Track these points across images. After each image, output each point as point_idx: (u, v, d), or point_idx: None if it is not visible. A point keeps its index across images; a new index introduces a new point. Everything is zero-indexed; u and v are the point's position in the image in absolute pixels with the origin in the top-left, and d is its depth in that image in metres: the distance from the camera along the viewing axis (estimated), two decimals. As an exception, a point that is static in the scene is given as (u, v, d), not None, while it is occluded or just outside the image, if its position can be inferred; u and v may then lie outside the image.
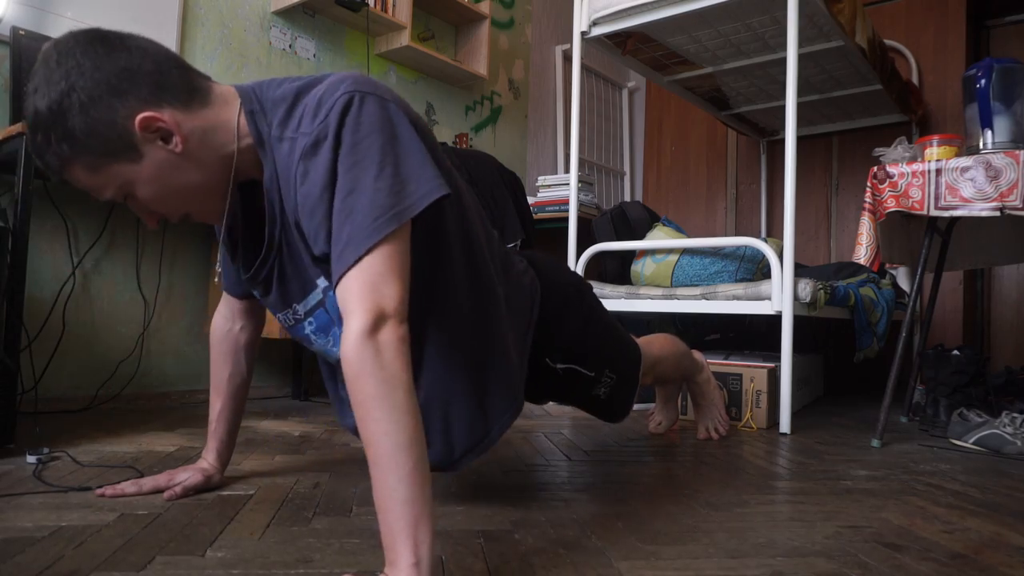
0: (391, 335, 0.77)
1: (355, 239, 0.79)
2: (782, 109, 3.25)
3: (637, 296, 2.45)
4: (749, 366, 2.20)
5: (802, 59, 2.73)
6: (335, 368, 1.17)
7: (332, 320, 1.02)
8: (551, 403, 1.48)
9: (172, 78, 0.88)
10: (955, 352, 2.22)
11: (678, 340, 1.74)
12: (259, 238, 1.04)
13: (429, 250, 0.95)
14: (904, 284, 2.55)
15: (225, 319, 1.24)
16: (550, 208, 3.25)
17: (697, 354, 1.88)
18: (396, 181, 0.82)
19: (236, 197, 1.02)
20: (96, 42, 0.83)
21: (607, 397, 1.37)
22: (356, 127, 0.83)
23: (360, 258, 0.79)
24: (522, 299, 1.18)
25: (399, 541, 0.72)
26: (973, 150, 1.89)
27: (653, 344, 1.59)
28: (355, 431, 1.15)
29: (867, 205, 1.97)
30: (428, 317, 0.99)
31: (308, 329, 1.05)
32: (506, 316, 1.11)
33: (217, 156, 0.91)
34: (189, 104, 0.89)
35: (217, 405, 1.24)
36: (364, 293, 0.78)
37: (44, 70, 0.82)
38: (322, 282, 0.98)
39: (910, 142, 2.90)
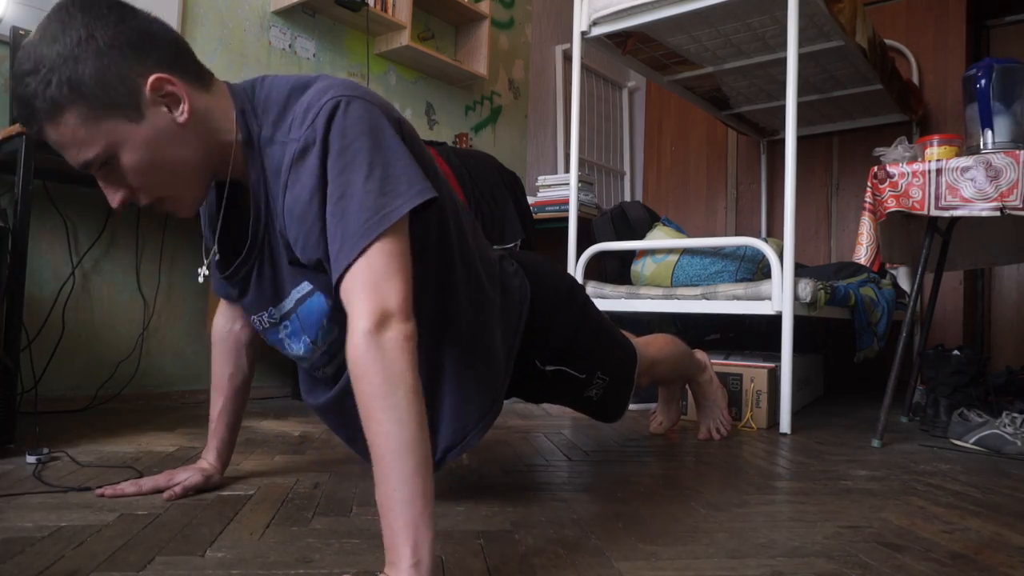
0: (395, 333, 0.77)
1: (349, 241, 0.80)
2: (782, 109, 3.25)
3: (637, 296, 2.45)
4: (749, 366, 2.20)
5: (802, 59, 2.73)
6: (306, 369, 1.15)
7: (301, 328, 1.01)
8: (550, 403, 1.48)
9: (186, 53, 0.90)
10: (955, 352, 2.22)
11: (678, 341, 1.73)
12: (239, 238, 1.03)
13: (418, 255, 0.95)
14: (904, 284, 2.55)
15: (226, 318, 1.24)
16: (550, 208, 3.25)
17: (700, 354, 1.87)
18: (385, 183, 0.82)
19: (215, 191, 1.01)
20: (117, 3, 0.84)
21: (599, 399, 1.37)
22: (343, 132, 0.84)
23: (356, 259, 0.79)
24: (511, 303, 1.18)
25: (400, 541, 0.72)
26: (973, 150, 1.89)
27: (651, 345, 1.58)
28: (317, 409, 1.15)
29: (867, 205, 1.97)
30: (416, 320, 0.99)
31: (282, 334, 1.05)
32: (495, 320, 1.12)
33: (212, 141, 0.91)
34: (197, 82, 0.90)
35: (218, 404, 1.24)
36: (365, 293, 0.78)
37: (59, 18, 0.81)
38: (296, 292, 0.98)
39: (910, 142, 2.89)
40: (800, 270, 2.66)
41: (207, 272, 1.02)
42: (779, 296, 2.08)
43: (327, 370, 1.07)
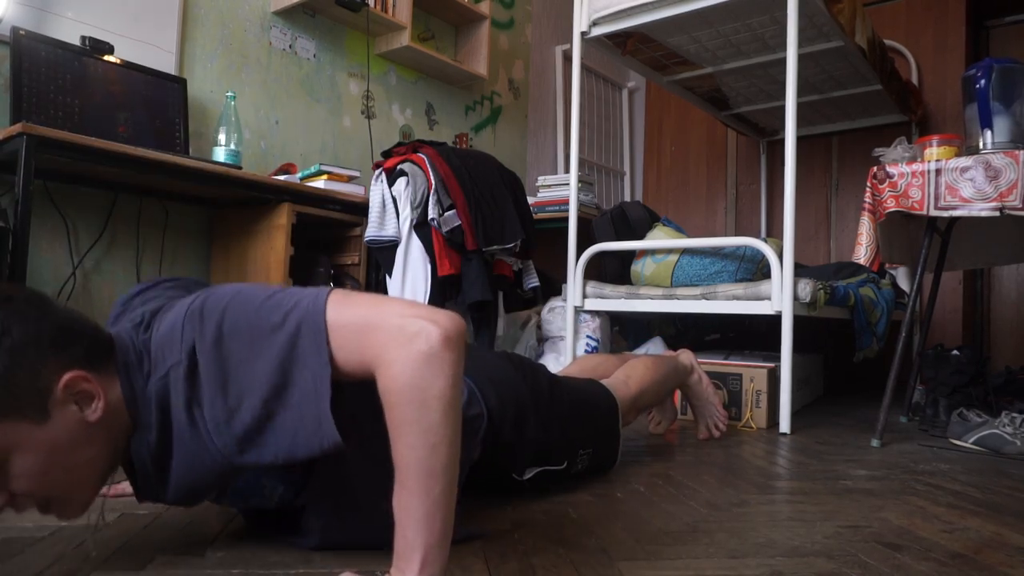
0: (430, 346, 0.70)
1: (313, 359, 0.72)
2: (782, 109, 3.24)
3: (637, 296, 2.45)
4: (749, 366, 2.20)
5: (802, 59, 2.72)
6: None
7: (244, 498, 0.90)
8: None
9: (101, 344, 0.80)
10: (955, 352, 2.22)
11: (659, 360, 1.69)
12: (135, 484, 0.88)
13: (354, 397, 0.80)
14: (904, 284, 2.55)
15: None
16: (550, 208, 3.25)
17: (685, 356, 1.84)
18: (280, 300, 0.76)
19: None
20: (36, 298, 0.77)
21: (588, 468, 1.36)
22: (207, 323, 0.75)
23: (329, 331, 0.72)
24: (465, 439, 1.04)
25: (411, 554, 0.69)
26: (973, 150, 1.89)
27: (631, 380, 1.53)
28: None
29: (867, 205, 1.97)
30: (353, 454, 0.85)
31: (233, 504, 0.93)
32: None
33: (118, 435, 0.80)
34: (107, 371, 0.80)
35: None
36: (367, 341, 0.72)
37: None
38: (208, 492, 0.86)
39: (910, 142, 2.89)
40: (800, 270, 2.66)
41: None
42: (779, 296, 2.08)
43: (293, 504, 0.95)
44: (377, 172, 2.38)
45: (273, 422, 0.75)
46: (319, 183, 2.35)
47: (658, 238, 2.59)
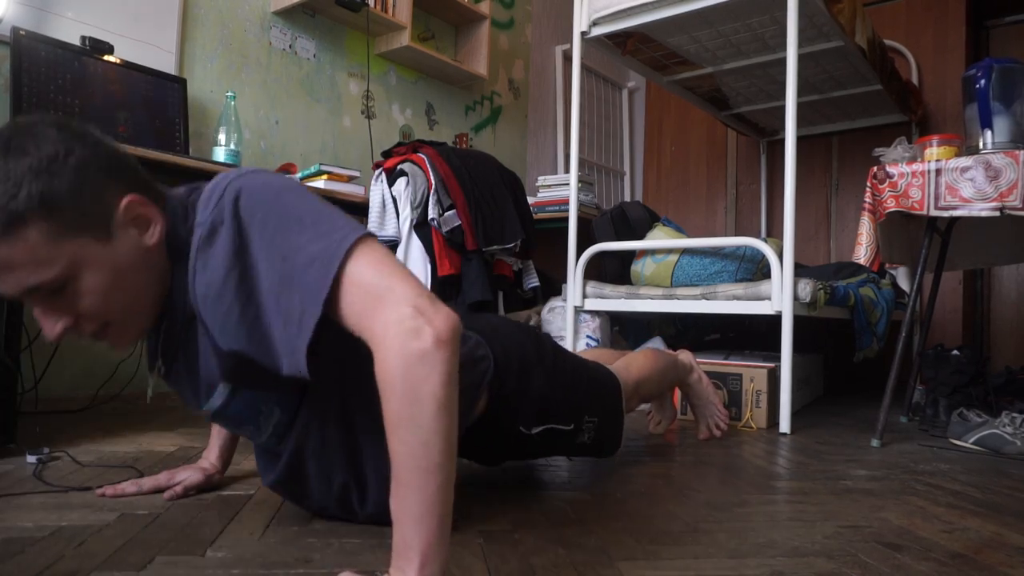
0: (425, 344, 0.69)
1: (313, 294, 0.72)
2: (782, 109, 3.25)
3: (637, 296, 2.45)
4: (749, 366, 2.20)
5: (802, 59, 2.73)
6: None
7: (239, 422, 0.93)
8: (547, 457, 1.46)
9: (148, 178, 0.86)
10: (955, 352, 2.22)
11: (660, 353, 1.70)
12: (163, 343, 0.93)
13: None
14: (904, 284, 2.55)
15: None
16: (550, 208, 3.25)
17: (685, 355, 1.84)
18: (320, 228, 0.76)
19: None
20: (84, 127, 0.81)
21: (593, 441, 1.35)
22: (252, 208, 0.78)
23: (336, 297, 0.72)
24: (469, 380, 1.08)
25: (410, 552, 0.69)
26: (973, 150, 1.89)
27: (632, 367, 1.54)
28: (274, 488, 1.03)
29: (867, 205, 1.97)
30: (350, 397, 0.92)
31: (223, 423, 0.95)
32: None
33: (163, 268, 0.86)
34: (159, 204, 0.86)
35: None
36: (370, 312, 0.72)
37: (29, 132, 0.75)
38: (222, 388, 0.88)
39: (910, 142, 2.90)
40: (800, 270, 2.66)
41: (151, 391, 0.96)
42: (779, 296, 2.08)
43: (279, 448, 0.97)
44: (377, 172, 2.39)
45: (260, 320, 0.78)
46: (319, 183, 2.35)
47: (658, 238, 2.59)
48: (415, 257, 2.29)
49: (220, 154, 2.21)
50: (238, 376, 0.86)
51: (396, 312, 0.70)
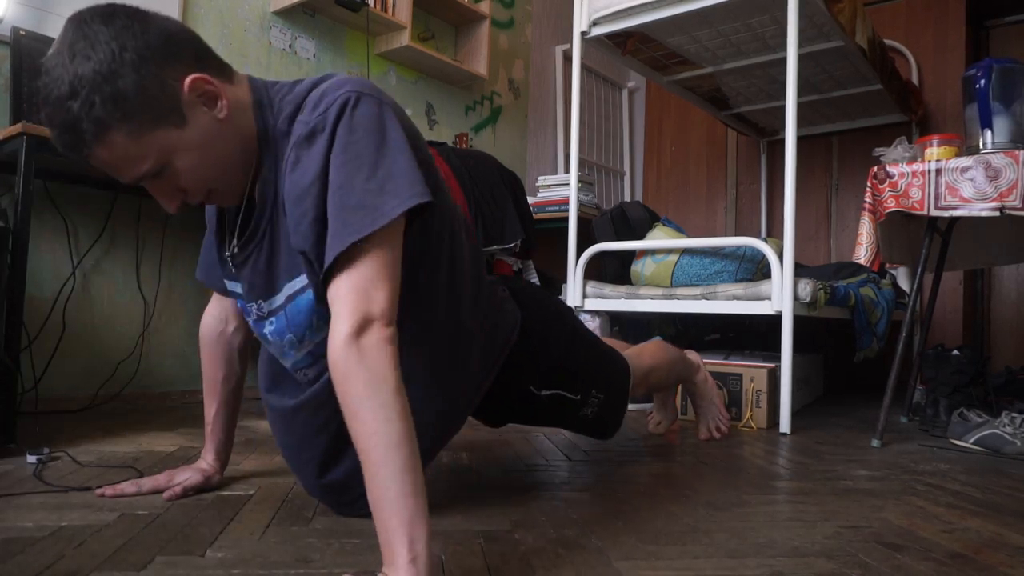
0: (376, 337, 0.78)
1: (340, 234, 0.80)
2: (782, 109, 3.25)
3: (637, 296, 2.45)
4: (749, 366, 2.20)
5: (802, 59, 2.73)
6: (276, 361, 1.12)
7: (287, 326, 0.99)
8: (547, 427, 1.47)
9: (206, 49, 0.89)
10: (955, 352, 2.22)
11: (669, 346, 1.72)
12: (244, 228, 1.01)
13: (412, 256, 0.93)
14: (904, 284, 2.55)
15: (217, 320, 1.20)
16: (550, 208, 3.25)
17: (692, 355, 1.86)
18: (385, 181, 0.83)
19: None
20: (133, 11, 0.83)
21: (595, 416, 1.36)
22: (351, 126, 0.84)
23: (347, 256, 0.80)
24: (498, 331, 1.15)
25: (395, 539, 0.72)
26: (973, 150, 1.89)
27: (643, 355, 1.56)
28: (281, 411, 1.10)
29: (867, 205, 1.97)
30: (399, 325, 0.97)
31: (267, 329, 1.03)
32: (475, 344, 1.10)
33: (246, 133, 0.91)
34: (223, 76, 0.90)
35: (212, 408, 1.22)
36: (351, 296, 0.79)
37: (83, 34, 0.78)
38: (288, 287, 0.97)
39: (910, 142, 2.90)
40: (800, 270, 2.66)
41: (230, 259, 1.01)
42: (779, 296, 2.08)
43: (309, 372, 1.04)
44: (377, 172, 2.38)
45: (324, 231, 0.84)
46: (319, 183, 2.34)
47: (658, 238, 2.59)
48: (415, 257, 2.28)
49: (220, 154, 2.21)
50: (310, 276, 0.93)
51: (353, 307, 0.78)
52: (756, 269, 2.44)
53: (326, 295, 0.83)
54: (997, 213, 1.72)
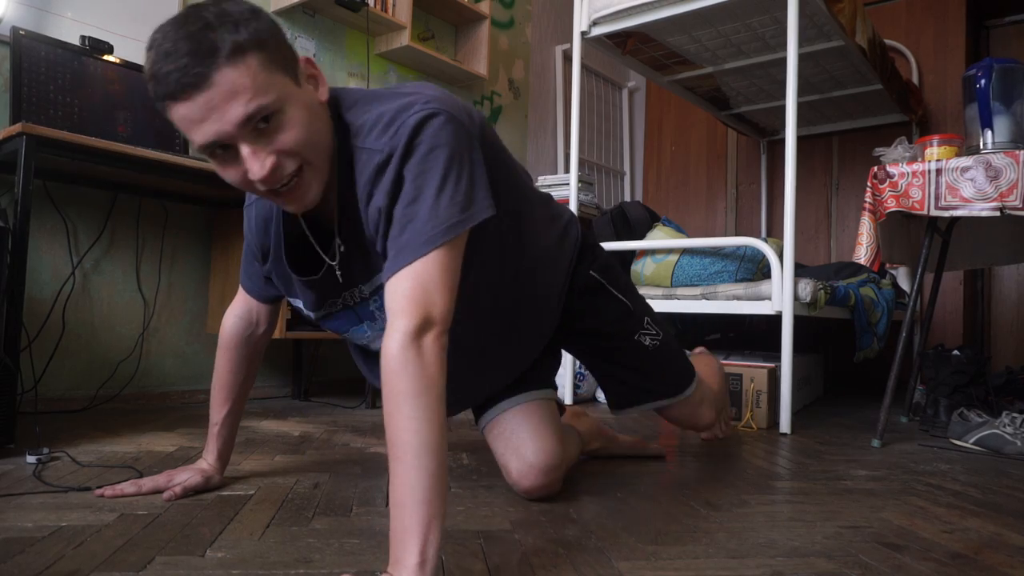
0: (435, 341, 0.81)
1: (412, 244, 0.84)
2: (782, 109, 3.25)
3: (637, 296, 2.45)
4: (749, 366, 2.20)
5: (802, 59, 2.73)
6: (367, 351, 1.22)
7: (348, 325, 1.10)
8: (601, 363, 1.45)
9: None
10: (955, 352, 2.22)
11: (713, 360, 1.75)
12: (341, 229, 1.03)
13: (475, 253, 0.98)
14: (904, 284, 2.55)
15: (245, 321, 1.21)
16: (550, 208, 3.24)
17: (711, 357, 1.83)
18: (456, 197, 0.87)
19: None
20: None
21: (655, 350, 1.34)
22: (425, 142, 0.88)
23: (415, 262, 0.83)
24: (566, 244, 1.28)
25: (409, 539, 0.73)
26: (973, 150, 1.89)
27: (709, 379, 1.59)
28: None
29: (867, 205, 1.97)
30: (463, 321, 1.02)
31: (372, 306, 1.07)
32: (554, 270, 1.24)
33: (329, 127, 0.94)
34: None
35: (225, 408, 1.23)
36: (415, 296, 0.82)
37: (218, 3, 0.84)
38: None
39: (910, 142, 2.90)
40: (800, 270, 2.66)
41: (337, 265, 1.03)
42: (779, 296, 2.08)
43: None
44: (377, 172, 2.38)
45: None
46: (319, 183, 2.34)
47: (658, 238, 2.59)
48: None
49: (220, 154, 2.21)
50: None
51: (417, 307, 0.82)
52: (756, 269, 2.44)
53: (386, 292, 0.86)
54: (997, 213, 1.72)
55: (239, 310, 1.22)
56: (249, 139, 0.84)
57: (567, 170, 3.88)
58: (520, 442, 1.21)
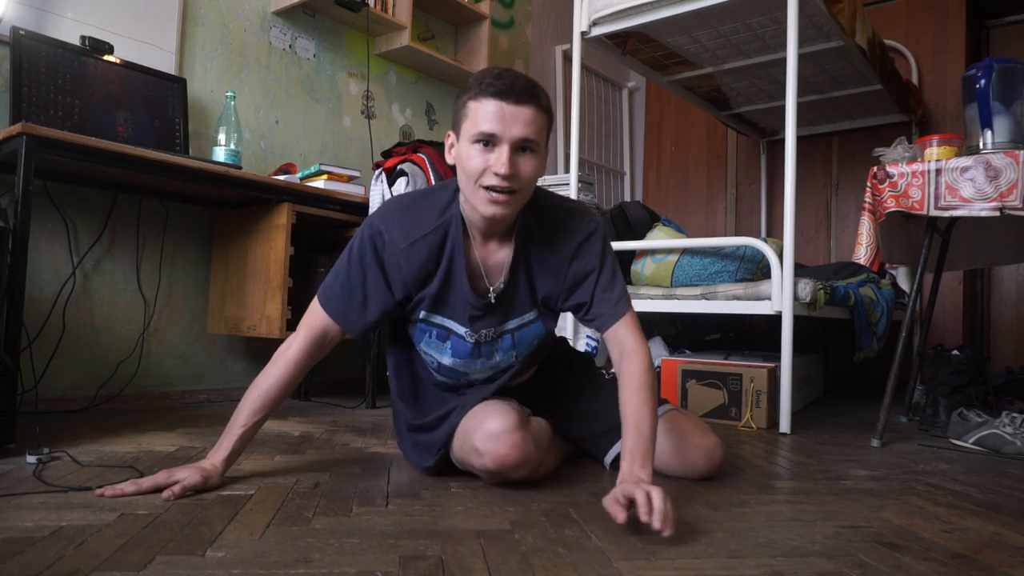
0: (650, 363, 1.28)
1: (621, 303, 1.32)
2: (782, 109, 3.25)
3: (637, 296, 2.45)
4: (749, 366, 2.20)
5: (802, 59, 2.73)
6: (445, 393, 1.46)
7: (513, 344, 1.38)
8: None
9: None
10: (955, 352, 2.22)
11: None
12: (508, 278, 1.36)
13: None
14: (904, 284, 2.55)
15: (318, 345, 1.32)
16: (550, 208, 3.24)
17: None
18: (622, 285, 1.36)
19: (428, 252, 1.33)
20: None
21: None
22: (608, 252, 1.37)
23: (626, 313, 1.31)
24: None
25: (644, 467, 1.12)
26: (973, 150, 1.89)
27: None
28: (430, 472, 1.39)
29: (867, 205, 1.97)
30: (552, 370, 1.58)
31: (496, 345, 1.37)
32: None
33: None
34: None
35: (259, 415, 1.28)
36: (639, 335, 1.30)
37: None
38: (519, 319, 1.36)
39: (910, 142, 2.90)
40: (800, 270, 2.66)
41: (489, 303, 1.34)
42: (779, 296, 2.08)
43: (480, 375, 1.41)
44: (377, 172, 2.38)
45: (583, 297, 1.36)
46: (319, 183, 2.35)
47: (658, 238, 2.59)
48: (415, 257, 2.28)
49: (220, 154, 2.21)
50: (545, 315, 1.40)
51: (643, 342, 1.31)
52: (756, 269, 2.44)
53: (606, 336, 1.31)
54: (997, 213, 1.73)
55: (316, 333, 1.32)
56: (512, 148, 1.20)
57: (567, 170, 3.87)
58: (485, 416, 1.30)
